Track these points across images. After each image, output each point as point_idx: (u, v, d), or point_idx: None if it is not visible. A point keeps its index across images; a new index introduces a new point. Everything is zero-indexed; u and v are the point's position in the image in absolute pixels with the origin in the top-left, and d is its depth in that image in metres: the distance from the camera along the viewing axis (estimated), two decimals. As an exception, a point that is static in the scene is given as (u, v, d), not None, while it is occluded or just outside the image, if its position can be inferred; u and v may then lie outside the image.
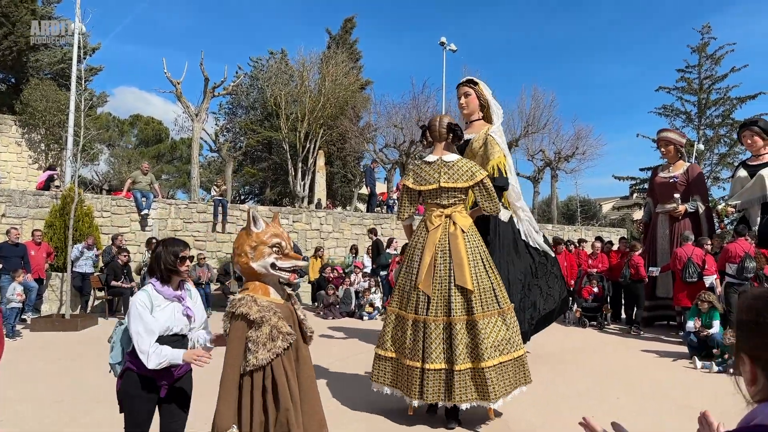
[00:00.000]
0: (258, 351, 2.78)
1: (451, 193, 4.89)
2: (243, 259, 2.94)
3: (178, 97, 19.21)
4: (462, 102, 6.74)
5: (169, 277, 3.18)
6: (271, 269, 2.95)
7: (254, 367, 2.79)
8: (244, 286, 3.04)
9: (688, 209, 10.78)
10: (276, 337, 2.82)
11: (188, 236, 14.60)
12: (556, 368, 7.30)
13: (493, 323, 4.73)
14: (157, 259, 3.17)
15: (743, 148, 29.86)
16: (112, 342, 3.34)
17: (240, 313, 2.82)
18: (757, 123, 9.92)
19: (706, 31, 30.46)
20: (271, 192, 31.27)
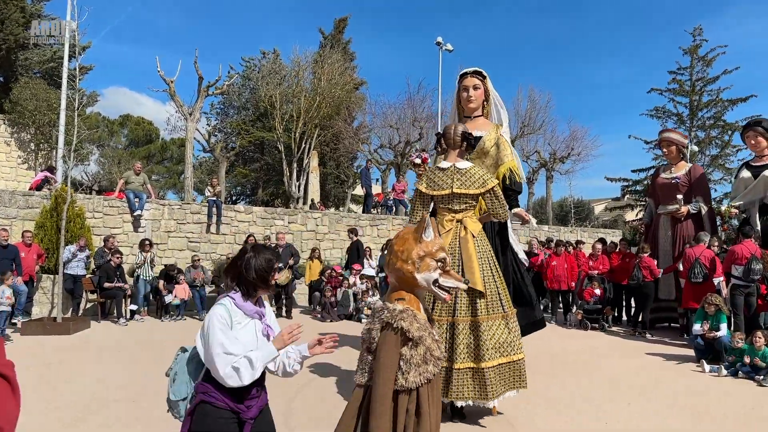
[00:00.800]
0: (409, 372, 2.55)
1: (463, 199, 5.05)
2: (408, 267, 2.68)
3: (172, 96, 18.94)
4: (471, 95, 6.30)
5: (256, 290, 2.73)
6: (432, 285, 2.73)
7: (401, 388, 2.54)
8: (398, 296, 2.71)
9: (690, 210, 10.69)
10: (428, 360, 2.60)
11: (182, 237, 14.36)
12: (561, 372, 7.16)
13: (496, 326, 4.86)
14: (246, 268, 2.69)
15: (734, 149, 30.35)
16: (173, 374, 2.83)
17: (400, 326, 2.56)
18: (762, 123, 9.84)
19: (698, 33, 30.52)
20: (263, 193, 31.02)
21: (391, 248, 2.80)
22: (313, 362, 7.35)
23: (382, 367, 2.54)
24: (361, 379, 2.67)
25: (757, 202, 9.90)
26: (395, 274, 2.74)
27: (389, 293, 2.79)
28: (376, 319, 2.66)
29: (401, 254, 2.71)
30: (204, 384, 2.62)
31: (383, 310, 2.65)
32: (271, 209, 16.35)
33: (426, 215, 5.22)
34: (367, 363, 2.67)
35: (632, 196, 32.30)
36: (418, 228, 2.78)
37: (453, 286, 2.80)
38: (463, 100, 6.41)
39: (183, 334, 9.68)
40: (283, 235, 13.11)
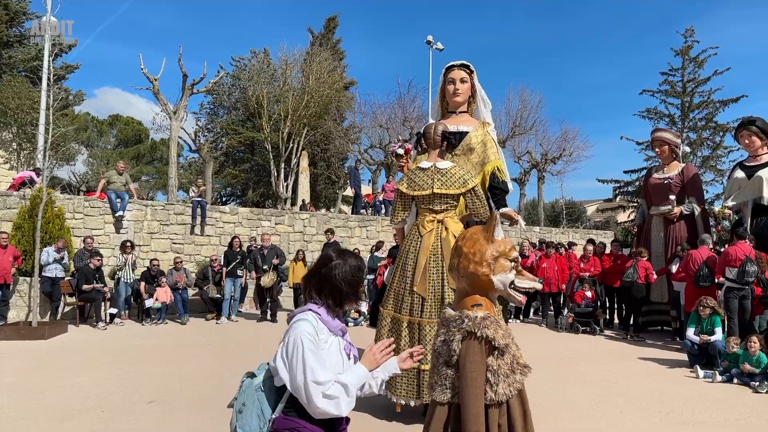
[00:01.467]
0: (498, 384, 2.34)
1: (444, 199, 4.98)
2: (483, 270, 2.44)
3: (156, 95, 18.62)
4: (458, 88, 5.99)
5: (344, 302, 2.41)
6: (507, 287, 2.50)
7: (491, 402, 2.33)
8: (474, 301, 2.46)
9: (683, 211, 10.50)
10: (515, 369, 2.41)
11: (165, 239, 14.04)
12: (552, 377, 6.92)
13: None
14: (333, 278, 2.35)
15: (726, 151, 30.34)
16: (238, 405, 2.38)
17: (484, 335, 2.33)
18: (755, 122, 9.64)
19: (690, 35, 30.50)
20: (253, 194, 30.71)
21: (459, 250, 2.53)
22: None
23: (470, 382, 2.30)
24: (443, 396, 2.41)
25: (750, 202, 9.71)
26: (468, 278, 2.48)
27: (460, 299, 2.53)
28: (453, 330, 2.40)
29: (473, 256, 2.46)
30: (289, 418, 2.23)
31: (461, 318, 2.39)
32: (257, 210, 16.06)
33: (407, 216, 5.19)
34: (447, 377, 2.41)
35: (624, 197, 32.24)
36: (487, 227, 2.54)
37: (529, 287, 2.57)
38: (448, 94, 6.10)
39: (163, 339, 9.38)
40: (268, 237, 12.82)
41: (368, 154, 26.38)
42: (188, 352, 8.23)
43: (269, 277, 11.67)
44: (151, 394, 5.86)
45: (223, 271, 11.89)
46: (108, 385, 6.26)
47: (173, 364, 7.41)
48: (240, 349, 8.57)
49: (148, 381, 6.44)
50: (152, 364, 7.34)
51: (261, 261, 11.99)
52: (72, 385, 6.22)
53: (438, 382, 2.45)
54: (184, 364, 7.38)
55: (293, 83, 24.70)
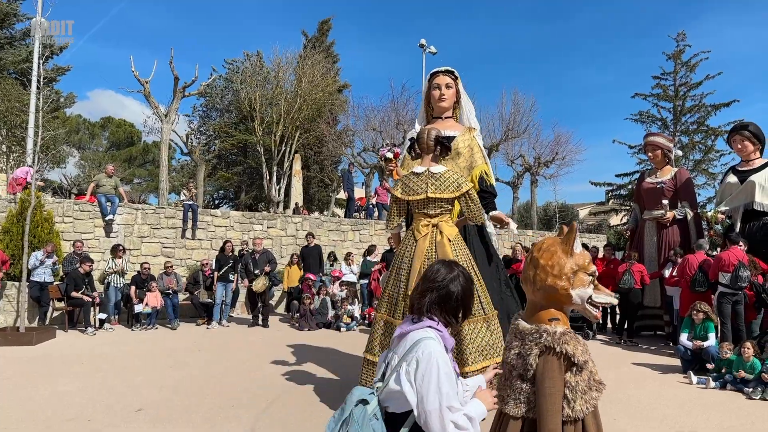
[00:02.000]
0: (575, 401, 2.29)
1: (438, 203, 5.00)
2: (562, 283, 2.39)
3: (147, 97, 18.49)
4: (444, 93, 6.01)
5: (462, 317, 2.31)
6: (585, 302, 2.44)
7: (567, 419, 2.28)
8: (550, 315, 2.42)
9: (676, 215, 10.49)
10: (592, 386, 2.36)
11: (155, 243, 13.91)
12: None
13: (477, 329, 4.84)
14: (453, 293, 2.24)
15: (717, 154, 30.45)
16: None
17: (564, 351, 2.28)
18: (748, 127, 9.64)
19: (681, 39, 30.60)
20: (246, 197, 30.57)
21: (535, 262, 2.48)
22: (283, 373, 7.01)
23: (549, 398, 2.26)
24: (516, 411, 2.37)
25: (741, 207, 9.71)
26: (545, 291, 2.43)
27: (534, 312, 2.46)
28: (530, 343, 2.35)
29: (552, 269, 2.41)
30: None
31: (539, 332, 2.34)
32: (249, 213, 15.94)
33: (402, 221, 5.18)
34: (522, 392, 2.37)
35: (617, 200, 32.28)
36: (566, 239, 2.49)
37: (606, 302, 2.52)
38: (434, 99, 6.12)
39: (153, 345, 9.27)
40: (260, 241, 12.73)
41: (361, 157, 26.33)
42: (178, 359, 8.12)
43: (261, 281, 11.58)
44: (139, 402, 5.77)
45: (215, 276, 11.79)
46: (95, 392, 6.16)
47: (163, 370, 7.31)
48: (231, 355, 8.48)
49: (136, 388, 6.34)
50: (141, 371, 7.23)
51: (253, 265, 11.90)
52: (59, 393, 6.11)
53: (511, 395, 2.41)
54: (173, 371, 7.28)
55: (286, 86, 24.61)
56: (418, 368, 2.05)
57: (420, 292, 2.31)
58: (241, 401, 5.86)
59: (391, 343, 2.30)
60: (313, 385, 6.63)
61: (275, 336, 10.49)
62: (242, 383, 6.62)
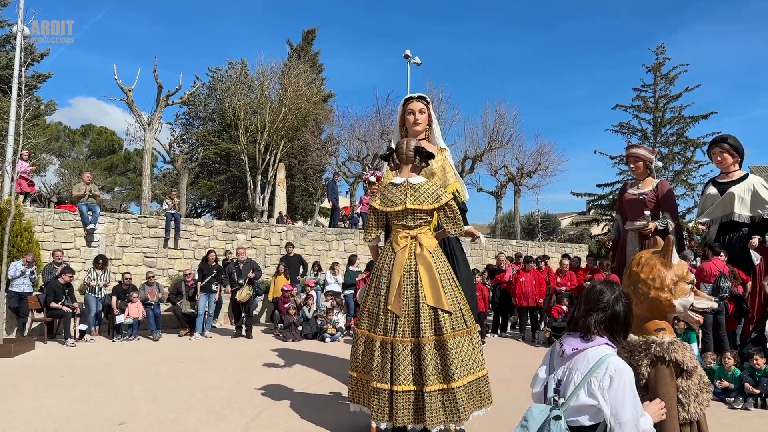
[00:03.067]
0: (689, 404, 2.46)
1: (417, 215, 4.91)
2: (665, 295, 2.55)
3: (130, 105, 18.34)
4: (418, 118, 6.35)
5: (625, 338, 2.41)
6: (687, 309, 2.60)
7: (684, 421, 2.44)
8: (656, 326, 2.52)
9: (658, 226, 10.60)
10: (703, 388, 2.50)
11: (137, 252, 13.75)
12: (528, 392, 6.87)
13: (462, 343, 4.75)
14: (620, 313, 2.33)
15: (696, 165, 30.95)
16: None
17: (674, 359, 2.43)
18: (727, 140, 9.80)
19: (661, 52, 31.17)
20: (229, 205, 30.39)
21: (635, 277, 2.63)
22: (268, 385, 6.94)
23: (666, 405, 2.42)
24: None
25: (719, 219, 9.86)
26: (649, 303, 2.60)
27: (638, 324, 2.56)
28: (639, 355, 2.51)
29: (653, 282, 2.58)
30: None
31: (647, 344, 2.50)
32: (233, 223, 15.84)
33: (380, 233, 5.13)
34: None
35: (598, 210, 32.64)
36: (664, 252, 2.65)
37: (707, 307, 2.68)
38: (409, 124, 6.36)
39: (135, 356, 9.13)
40: (244, 250, 12.64)
41: (346, 166, 26.34)
42: (161, 370, 8.01)
43: (245, 291, 11.48)
44: (122, 415, 5.67)
45: (198, 286, 11.68)
46: (76, 406, 6.04)
47: (144, 382, 7.20)
48: (215, 367, 8.38)
49: (117, 401, 6.24)
50: (123, 384, 7.12)
51: (237, 275, 11.80)
52: (38, 407, 5.98)
53: None
54: (156, 383, 7.17)
55: (271, 95, 24.57)
56: (611, 383, 2.17)
57: (584, 311, 2.40)
58: (226, 414, 5.79)
59: (555, 359, 2.42)
60: (299, 397, 6.58)
61: (259, 347, 10.40)
62: (227, 395, 6.55)
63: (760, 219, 9.48)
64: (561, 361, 2.36)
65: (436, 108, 24.54)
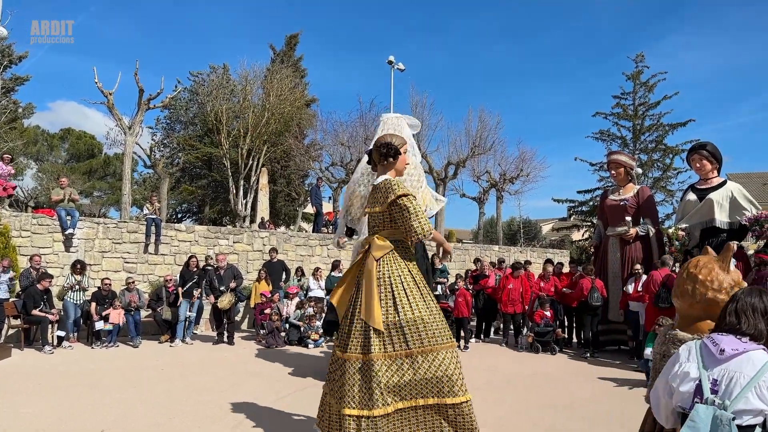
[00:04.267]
0: None
1: (373, 218, 4.41)
2: (723, 296, 2.68)
3: (110, 109, 18.11)
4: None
5: None
6: None
7: None
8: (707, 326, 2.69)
9: (639, 232, 10.74)
10: None
11: (117, 258, 13.55)
12: (514, 398, 6.90)
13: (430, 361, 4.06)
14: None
15: (675, 172, 31.40)
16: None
17: None
18: (706, 147, 9.99)
19: (640, 60, 31.60)
20: (210, 210, 30.12)
21: (693, 277, 2.77)
22: (251, 392, 6.86)
23: None
24: None
25: (699, 225, 10.02)
26: (705, 303, 2.73)
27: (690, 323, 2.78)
28: None
29: (711, 284, 2.71)
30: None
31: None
32: (214, 228, 15.69)
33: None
34: None
35: (578, 216, 32.92)
36: (723, 257, 2.80)
37: None
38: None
39: (114, 363, 8.98)
40: (224, 256, 12.51)
41: (329, 171, 26.29)
42: (141, 377, 7.89)
43: (227, 298, 11.37)
44: (102, 423, 5.56)
45: (179, 292, 11.53)
46: (57, 413, 5.91)
47: (125, 390, 7.08)
48: (196, 374, 8.27)
49: (99, 409, 6.12)
50: (103, 391, 6.99)
51: (218, 281, 11.69)
52: (16, 416, 5.84)
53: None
54: (137, 390, 7.06)
55: (253, 99, 24.45)
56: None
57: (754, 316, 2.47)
58: (207, 422, 5.71)
59: (705, 358, 2.39)
60: (283, 403, 6.51)
61: (241, 353, 10.30)
62: (209, 402, 6.46)
63: (738, 225, 9.66)
64: (717, 361, 2.37)
65: (420, 114, 24.62)
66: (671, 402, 2.42)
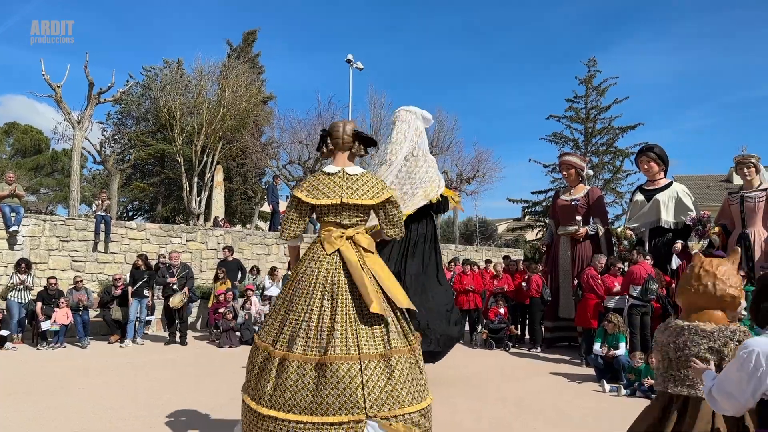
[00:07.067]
0: None
1: (354, 211, 4.10)
2: (737, 293, 2.95)
3: (58, 103, 17.48)
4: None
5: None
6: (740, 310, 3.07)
7: None
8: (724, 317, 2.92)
9: (588, 231, 11.04)
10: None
11: (65, 256, 13.11)
12: (467, 394, 7.00)
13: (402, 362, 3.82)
14: None
15: (625, 174, 32.38)
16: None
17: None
18: (654, 149, 10.36)
19: (593, 65, 32.41)
20: (163, 209, 29.43)
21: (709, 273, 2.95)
22: (206, 393, 6.75)
23: None
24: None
25: (648, 224, 10.39)
26: (718, 298, 2.92)
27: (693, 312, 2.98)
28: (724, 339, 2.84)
29: (728, 280, 2.92)
30: None
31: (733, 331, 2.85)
32: (167, 226, 15.35)
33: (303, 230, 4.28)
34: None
35: (532, 216, 33.55)
36: (733, 257, 3.07)
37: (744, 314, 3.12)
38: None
39: (61, 365, 8.68)
40: (177, 255, 12.23)
41: (287, 170, 26.06)
42: (90, 380, 7.65)
43: (179, 297, 11.13)
44: (43, 428, 5.37)
45: (129, 291, 11.23)
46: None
47: (73, 393, 6.85)
48: (148, 375, 8.08)
49: (40, 414, 5.90)
50: (49, 395, 6.75)
51: (170, 279, 11.41)
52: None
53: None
54: (85, 394, 6.84)
55: (209, 95, 24.03)
56: None
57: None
58: (156, 423, 5.58)
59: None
60: (235, 404, 6.42)
61: (194, 354, 10.12)
62: (157, 404, 6.31)
63: (683, 225, 10.05)
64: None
65: (378, 113, 24.69)
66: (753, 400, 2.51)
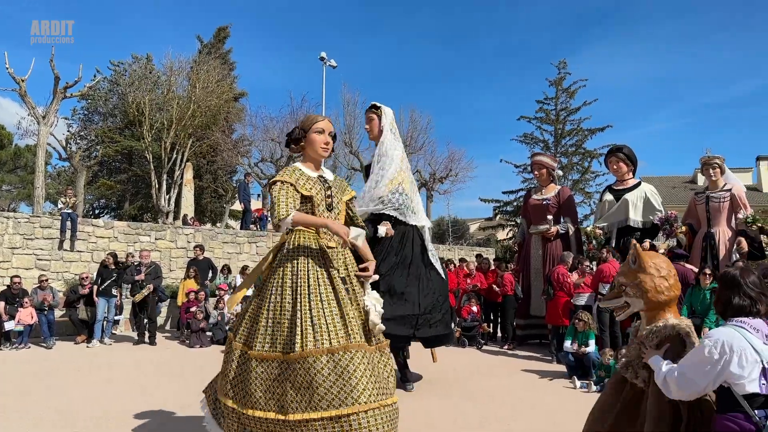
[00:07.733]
0: None
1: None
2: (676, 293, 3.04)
3: (22, 97, 17.01)
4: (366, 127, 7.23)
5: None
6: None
7: None
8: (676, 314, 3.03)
9: (559, 230, 11.19)
10: None
11: (29, 255, 12.76)
12: (443, 392, 7.03)
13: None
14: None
15: (593, 175, 33.00)
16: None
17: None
18: (623, 150, 10.54)
19: (563, 67, 32.92)
20: (130, 206, 28.88)
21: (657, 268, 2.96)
22: (175, 394, 6.64)
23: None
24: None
25: (617, 224, 10.57)
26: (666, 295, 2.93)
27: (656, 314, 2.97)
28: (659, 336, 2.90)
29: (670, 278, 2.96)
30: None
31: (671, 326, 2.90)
32: (135, 224, 15.07)
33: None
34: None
35: (503, 216, 33.92)
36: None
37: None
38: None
39: (25, 366, 8.45)
40: (148, 253, 12.02)
41: (258, 167, 25.83)
42: (57, 381, 7.46)
43: (142, 294, 10.91)
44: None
45: (94, 290, 10.98)
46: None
47: (33, 394, 6.67)
48: (116, 376, 7.91)
49: (7, 418, 5.73)
50: (12, 397, 6.55)
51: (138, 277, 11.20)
52: None
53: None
54: (52, 395, 6.66)
55: (179, 91, 23.68)
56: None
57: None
58: (122, 425, 5.47)
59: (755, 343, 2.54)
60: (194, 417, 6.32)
61: (164, 354, 9.95)
62: (122, 406, 6.18)
63: (651, 224, 10.26)
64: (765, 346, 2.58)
65: (351, 112, 24.64)
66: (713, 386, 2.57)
